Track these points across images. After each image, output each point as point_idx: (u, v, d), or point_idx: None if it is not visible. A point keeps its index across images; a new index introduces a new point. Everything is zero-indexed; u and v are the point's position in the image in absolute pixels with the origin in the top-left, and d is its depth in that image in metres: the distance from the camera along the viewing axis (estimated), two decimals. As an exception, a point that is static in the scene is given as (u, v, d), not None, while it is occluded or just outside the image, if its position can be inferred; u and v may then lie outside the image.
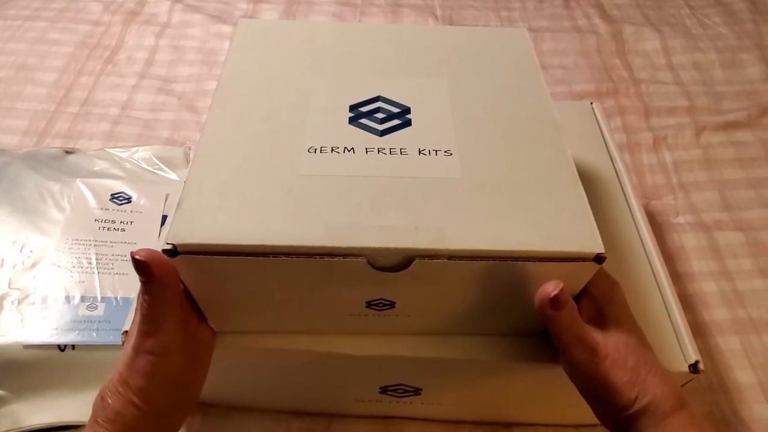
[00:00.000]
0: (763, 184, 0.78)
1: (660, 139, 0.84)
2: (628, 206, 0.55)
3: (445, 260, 0.35)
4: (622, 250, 0.51)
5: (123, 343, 0.42)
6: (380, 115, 0.43)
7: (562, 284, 0.36)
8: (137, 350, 0.36)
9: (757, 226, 0.74)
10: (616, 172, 0.58)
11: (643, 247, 0.51)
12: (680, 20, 1.05)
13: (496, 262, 0.36)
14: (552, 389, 0.48)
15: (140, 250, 0.35)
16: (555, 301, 0.36)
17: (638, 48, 0.99)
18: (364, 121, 0.43)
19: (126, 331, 0.43)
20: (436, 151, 0.41)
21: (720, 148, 0.83)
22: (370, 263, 0.36)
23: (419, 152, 0.41)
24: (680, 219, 0.75)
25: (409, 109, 0.44)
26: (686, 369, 0.44)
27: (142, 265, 0.34)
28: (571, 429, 0.56)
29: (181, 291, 0.38)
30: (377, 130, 0.42)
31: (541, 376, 0.46)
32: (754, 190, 0.78)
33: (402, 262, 0.36)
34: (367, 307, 0.40)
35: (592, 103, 0.66)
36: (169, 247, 0.34)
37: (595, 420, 0.56)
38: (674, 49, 0.99)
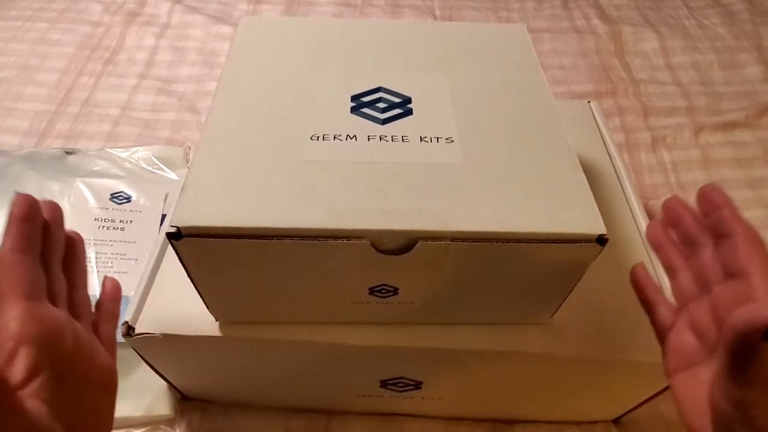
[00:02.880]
0: (761, 184, 0.79)
1: (659, 139, 0.84)
2: (628, 205, 0.55)
3: (448, 242, 0.35)
4: (622, 248, 0.51)
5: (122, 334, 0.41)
6: (381, 105, 0.43)
7: None
8: None
9: (756, 226, 0.73)
10: (615, 170, 0.58)
11: (644, 246, 0.51)
12: (679, 21, 1.06)
13: (499, 243, 0.36)
14: (554, 381, 0.48)
15: None
16: None
17: (637, 48, 1.00)
18: (365, 110, 0.43)
19: (126, 322, 0.43)
20: (438, 138, 0.41)
21: (718, 148, 0.83)
22: (373, 246, 0.36)
23: (421, 139, 0.41)
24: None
25: (410, 99, 0.44)
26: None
27: None
28: (572, 426, 0.56)
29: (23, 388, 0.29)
30: (379, 119, 0.42)
31: (543, 365, 0.46)
32: (753, 190, 0.78)
33: (405, 244, 0.36)
34: (370, 293, 0.40)
35: (589, 102, 0.66)
36: (173, 230, 0.34)
37: (595, 417, 0.56)
38: (673, 49, 1.00)
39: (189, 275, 0.39)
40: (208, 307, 0.43)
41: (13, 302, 0.29)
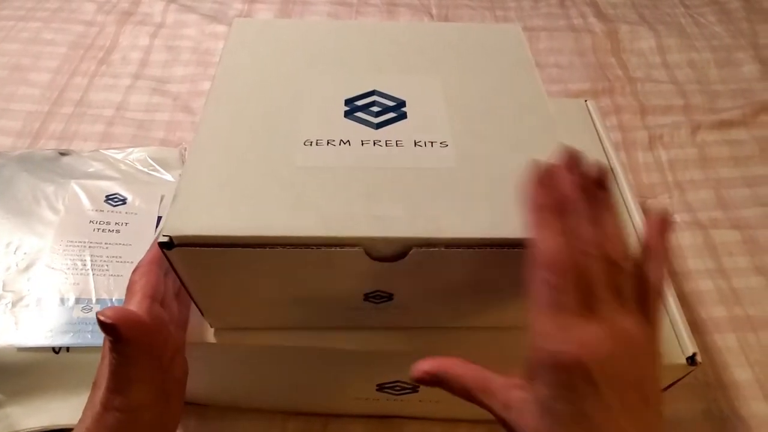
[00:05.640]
0: (758, 183, 0.79)
1: (655, 137, 0.84)
2: (624, 204, 0.55)
3: (442, 249, 0.35)
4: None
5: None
6: (375, 109, 0.43)
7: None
8: (105, 406, 0.35)
9: (753, 224, 0.74)
10: (611, 169, 0.58)
11: (640, 246, 0.51)
12: (675, 19, 1.05)
13: (493, 249, 0.35)
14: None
15: (106, 309, 0.33)
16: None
17: (633, 47, 1.00)
18: (359, 114, 0.43)
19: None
20: (432, 142, 0.41)
21: (715, 146, 0.83)
22: (367, 253, 0.35)
23: (415, 144, 0.40)
24: (676, 217, 0.75)
25: (405, 102, 0.44)
26: (683, 362, 0.44)
27: (108, 328, 0.33)
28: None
29: (153, 342, 0.36)
30: (373, 123, 0.42)
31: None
32: (750, 189, 0.78)
33: (399, 251, 0.36)
34: (365, 300, 0.40)
35: (586, 101, 0.66)
36: (165, 239, 0.34)
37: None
38: (669, 47, 0.99)
39: (182, 282, 0.38)
40: (202, 314, 0.43)
41: (141, 299, 0.38)
